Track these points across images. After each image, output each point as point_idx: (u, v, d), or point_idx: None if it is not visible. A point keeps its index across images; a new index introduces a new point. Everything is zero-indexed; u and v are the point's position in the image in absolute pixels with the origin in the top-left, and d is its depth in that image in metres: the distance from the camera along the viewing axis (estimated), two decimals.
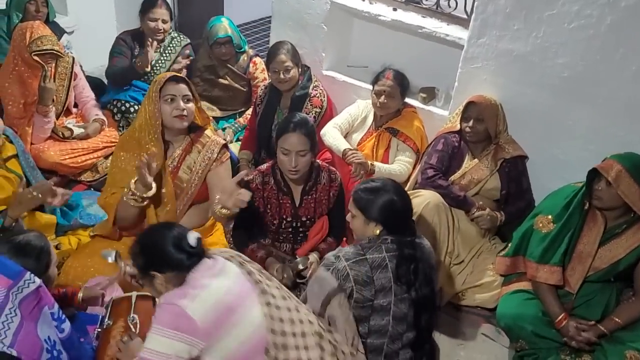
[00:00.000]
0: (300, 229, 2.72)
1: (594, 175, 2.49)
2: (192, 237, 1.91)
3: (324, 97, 3.52)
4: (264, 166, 2.72)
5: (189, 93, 2.60)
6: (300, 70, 3.48)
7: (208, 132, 2.76)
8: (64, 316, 1.97)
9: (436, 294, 2.21)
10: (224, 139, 2.96)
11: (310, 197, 2.67)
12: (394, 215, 2.16)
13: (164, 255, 1.88)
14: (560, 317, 2.52)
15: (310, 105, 3.46)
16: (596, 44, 2.75)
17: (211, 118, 3.21)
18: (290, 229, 2.71)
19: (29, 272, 1.86)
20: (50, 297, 1.93)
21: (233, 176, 2.61)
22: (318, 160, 2.81)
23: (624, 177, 2.39)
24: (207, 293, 1.82)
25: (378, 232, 2.15)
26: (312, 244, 2.69)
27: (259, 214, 2.66)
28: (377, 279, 2.07)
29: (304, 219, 2.70)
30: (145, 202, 2.52)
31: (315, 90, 3.51)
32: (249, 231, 2.69)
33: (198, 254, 1.91)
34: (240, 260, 1.99)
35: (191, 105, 2.60)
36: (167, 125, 2.60)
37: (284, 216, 2.67)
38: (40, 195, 2.45)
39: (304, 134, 2.54)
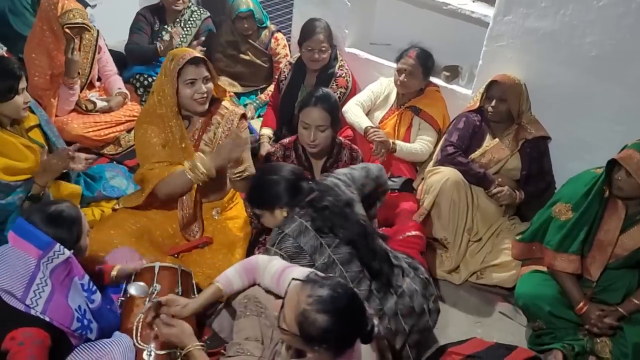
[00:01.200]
0: None
1: (613, 164, 2.44)
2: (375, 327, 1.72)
3: (349, 77, 3.51)
4: (286, 140, 2.74)
5: (208, 73, 2.57)
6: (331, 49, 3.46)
7: (226, 103, 2.74)
8: (94, 287, 2.02)
9: (365, 220, 2.25)
10: (275, 150, 2.88)
11: (331, 170, 2.69)
12: (287, 190, 2.21)
13: (348, 340, 1.66)
14: (580, 304, 2.51)
15: (336, 85, 3.45)
16: (626, 22, 2.69)
17: (230, 91, 3.19)
18: None
19: (58, 244, 1.91)
20: (81, 268, 1.98)
21: (253, 153, 2.64)
22: (340, 138, 2.81)
23: None
24: None
25: (286, 213, 2.21)
26: None
27: None
28: (304, 244, 2.12)
29: None
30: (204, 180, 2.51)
31: (340, 70, 3.49)
32: None
33: None
34: None
35: (210, 84, 2.58)
36: (187, 108, 2.59)
37: None
38: (60, 162, 2.52)
39: (325, 109, 2.56)
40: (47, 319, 1.85)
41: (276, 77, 3.77)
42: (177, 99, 2.53)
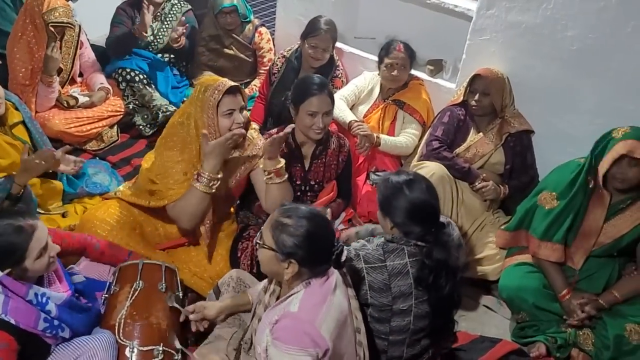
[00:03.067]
0: (309, 194, 2.77)
1: (601, 157, 2.42)
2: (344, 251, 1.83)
3: (344, 77, 3.51)
4: (274, 130, 2.75)
5: (244, 102, 2.47)
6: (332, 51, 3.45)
7: (251, 132, 2.61)
8: (45, 299, 1.92)
9: (459, 294, 2.10)
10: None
11: (319, 161, 2.72)
12: (407, 212, 2.03)
13: (318, 253, 1.79)
14: (563, 291, 2.53)
15: (332, 85, 3.42)
16: (606, 17, 2.71)
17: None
18: (298, 193, 2.75)
19: None
20: (20, 286, 1.87)
21: None
22: None
23: None
24: (333, 310, 1.76)
25: (391, 229, 2.05)
26: (322, 204, 2.73)
27: None
28: (394, 286, 2.00)
29: (312, 182, 2.75)
30: (215, 187, 2.41)
31: (337, 70, 3.49)
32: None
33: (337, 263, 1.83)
34: (344, 271, 1.92)
35: (246, 113, 2.49)
36: None
37: (294, 179, 2.72)
38: (44, 162, 2.46)
39: (327, 94, 2.63)
40: (12, 320, 1.82)
41: (260, 71, 3.76)
42: (209, 132, 2.39)
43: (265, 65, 3.85)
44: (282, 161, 2.48)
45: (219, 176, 2.41)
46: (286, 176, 2.50)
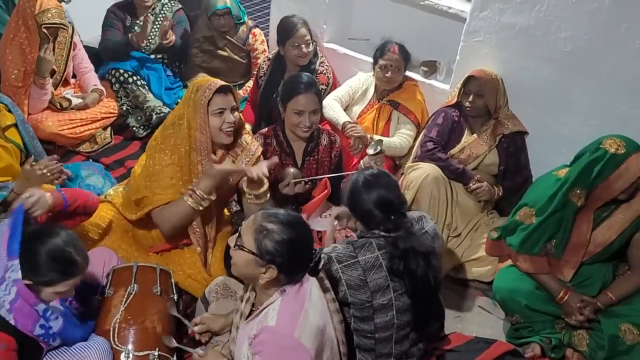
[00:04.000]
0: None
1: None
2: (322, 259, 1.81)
3: (330, 73, 3.51)
4: (264, 129, 2.78)
5: (235, 103, 2.46)
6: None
7: (245, 137, 2.60)
8: (53, 315, 1.90)
9: (435, 276, 2.11)
10: (255, 140, 2.73)
11: (312, 157, 2.73)
12: (377, 207, 2.08)
13: (298, 260, 1.78)
14: (561, 293, 2.50)
15: (317, 81, 3.42)
16: (599, 18, 2.72)
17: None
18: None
19: (17, 262, 1.80)
20: (30, 296, 1.84)
21: None
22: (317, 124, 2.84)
23: None
24: (312, 319, 1.75)
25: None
26: (317, 201, 2.74)
27: None
28: (371, 280, 2.03)
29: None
30: (204, 206, 2.37)
31: (321, 66, 3.48)
32: None
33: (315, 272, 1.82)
34: (321, 276, 1.91)
35: (237, 114, 2.47)
36: (214, 140, 2.44)
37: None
38: (49, 175, 2.44)
39: (314, 93, 2.65)
40: (11, 320, 1.80)
41: (254, 72, 3.74)
42: (201, 132, 2.39)
43: None
44: (265, 187, 2.41)
45: (212, 197, 2.38)
46: (265, 199, 2.44)
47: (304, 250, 1.78)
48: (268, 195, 2.47)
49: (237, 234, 1.81)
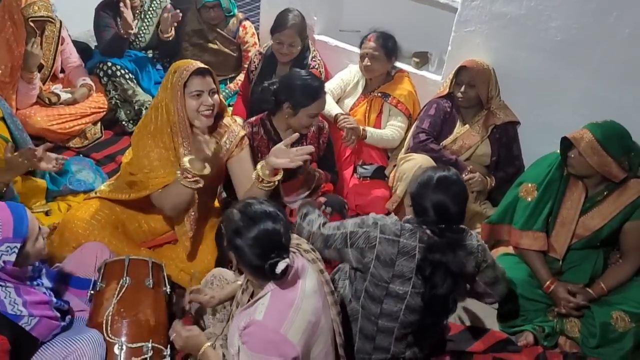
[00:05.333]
0: (290, 178, 2.75)
1: (569, 142, 2.47)
2: (282, 265, 1.74)
3: (322, 67, 3.48)
4: (252, 118, 2.77)
5: (215, 86, 2.43)
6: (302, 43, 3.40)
7: (227, 120, 2.59)
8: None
9: (453, 299, 2.10)
10: (243, 129, 2.71)
11: (300, 145, 2.70)
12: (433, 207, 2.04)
13: (249, 260, 1.76)
14: (547, 282, 2.55)
15: None
16: (590, 7, 2.72)
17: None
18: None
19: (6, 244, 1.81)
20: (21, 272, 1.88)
21: None
22: None
23: (594, 147, 2.38)
24: (302, 315, 1.75)
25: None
26: (297, 184, 2.77)
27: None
28: (399, 264, 2.03)
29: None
30: (200, 184, 2.34)
31: (313, 60, 3.45)
32: None
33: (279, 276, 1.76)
34: (320, 268, 1.92)
35: (217, 97, 2.44)
36: (192, 123, 2.42)
37: None
38: (27, 161, 2.43)
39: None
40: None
41: (245, 65, 3.72)
42: (178, 114, 2.39)
43: None
44: (279, 176, 2.40)
45: (206, 172, 2.34)
46: (274, 186, 2.42)
47: (274, 236, 1.74)
48: (274, 184, 2.45)
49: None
